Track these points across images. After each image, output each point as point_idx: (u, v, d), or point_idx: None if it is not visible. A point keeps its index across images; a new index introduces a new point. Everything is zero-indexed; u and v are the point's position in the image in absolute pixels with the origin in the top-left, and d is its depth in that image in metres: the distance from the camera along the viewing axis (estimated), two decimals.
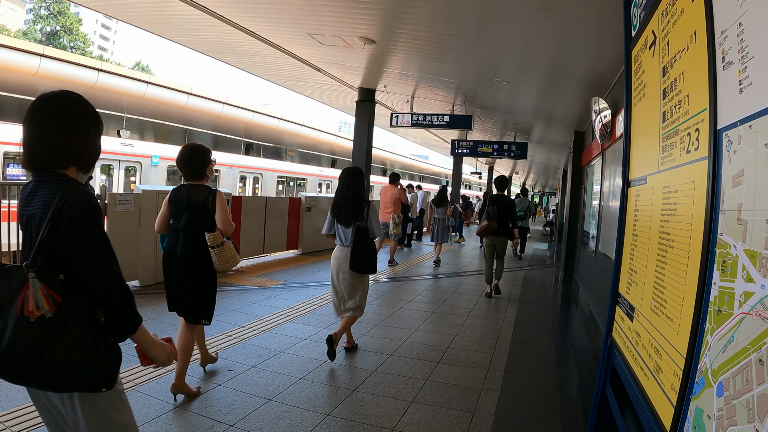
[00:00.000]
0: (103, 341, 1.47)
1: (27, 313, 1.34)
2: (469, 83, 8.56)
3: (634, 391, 1.86)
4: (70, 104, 1.53)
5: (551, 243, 17.27)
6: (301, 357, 4.08)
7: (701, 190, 1.37)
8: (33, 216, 1.44)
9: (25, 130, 1.48)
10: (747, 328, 1.04)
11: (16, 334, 1.35)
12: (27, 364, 1.36)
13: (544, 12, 4.63)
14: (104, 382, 1.45)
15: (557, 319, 6.41)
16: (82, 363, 1.40)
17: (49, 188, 1.43)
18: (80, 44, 49.15)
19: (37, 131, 1.46)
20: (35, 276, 1.35)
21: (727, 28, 1.23)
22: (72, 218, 1.39)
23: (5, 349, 1.35)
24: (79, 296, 1.42)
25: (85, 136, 1.53)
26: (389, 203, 9.79)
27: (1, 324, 1.36)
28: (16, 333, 1.35)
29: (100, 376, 1.44)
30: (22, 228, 1.49)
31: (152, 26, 7.38)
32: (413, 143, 22.82)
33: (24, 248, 1.47)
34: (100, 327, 1.46)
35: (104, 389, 1.46)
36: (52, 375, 1.37)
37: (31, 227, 1.44)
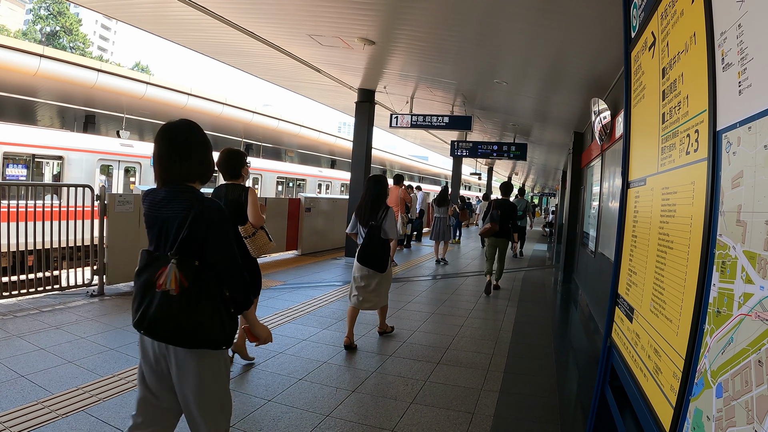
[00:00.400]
0: (226, 311, 1.89)
1: (158, 288, 1.78)
2: (469, 84, 8.57)
3: (634, 392, 1.86)
4: (198, 133, 1.98)
5: (551, 244, 17.28)
6: (301, 358, 4.07)
7: (701, 191, 1.37)
8: (170, 218, 1.84)
9: (164, 150, 1.89)
10: (746, 330, 1.05)
11: (162, 304, 1.78)
12: (169, 327, 1.79)
13: (544, 13, 4.64)
14: (224, 341, 1.88)
15: (557, 320, 6.41)
16: (209, 326, 1.83)
17: (184, 198, 1.85)
18: (80, 45, 49.14)
19: (180, 155, 1.89)
20: (175, 262, 1.77)
21: (726, 30, 1.23)
22: (210, 222, 1.83)
23: (153, 314, 1.79)
24: (210, 277, 1.84)
25: (210, 160, 2.00)
26: (394, 204, 9.89)
27: (150, 296, 1.82)
28: (162, 303, 1.78)
29: (222, 337, 1.86)
30: (153, 225, 1.90)
31: (152, 27, 7.38)
32: (413, 144, 22.82)
33: (158, 240, 1.88)
34: (224, 300, 1.88)
35: (224, 347, 1.89)
36: (187, 335, 1.80)
37: (169, 226, 1.84)
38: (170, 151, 1.88)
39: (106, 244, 5.74)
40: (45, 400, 2.94)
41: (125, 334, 4.30)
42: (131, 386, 3.24)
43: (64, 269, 6.12)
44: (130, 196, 6.06)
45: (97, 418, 2.77)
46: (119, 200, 5.88)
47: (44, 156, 10.06)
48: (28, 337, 4.03)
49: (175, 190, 1.88)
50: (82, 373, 3.40)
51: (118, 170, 11.68)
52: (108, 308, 5.15)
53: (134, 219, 6.03)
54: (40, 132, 10.40)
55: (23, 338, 4.01)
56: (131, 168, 12.07)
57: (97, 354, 3.79)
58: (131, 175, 12.16)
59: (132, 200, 6.00)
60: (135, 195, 6.11)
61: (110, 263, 5.80)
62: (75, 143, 10.62)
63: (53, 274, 5.66)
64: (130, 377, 3.38)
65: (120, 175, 11.72)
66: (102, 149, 11.20)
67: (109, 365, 3.58)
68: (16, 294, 5.19)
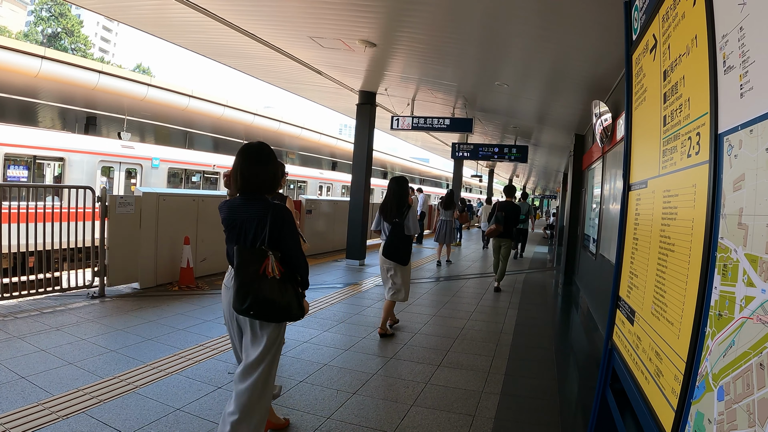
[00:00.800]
0: (300, 293, 2.42)
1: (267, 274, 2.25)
2: (470, 86, 8.57)
3: (635, 395, 1.86)
4: (271, 152, 2.47)
5: (551, 246, 17.26)
6: (301, 360, 4.07)
7: (702, 194, 1.37)
8: (249, 219, 2.34)
9: (240, 166, 2.37)
10: (748, 333, 1.04)
11: (265, 289, 2.25)
12: (270, 307, 2.27)
13: (545, 15, 4.64)
14: (299, 315, 2.41)
15: (557, 322, 6.40)
16: (294, 304, 2.35)
17: (259, 205, 2.35)
18: (81, 46, 49.20)
19: (252, 172, 2.37)
20: (271, 253, 2.28)
21: (728, 33, 1.23)
22: (284, 221, 2.33)
23: (262, 297, 2.25)
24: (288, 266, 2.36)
25: (278, 174, 2.51)
26: None
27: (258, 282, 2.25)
28: (265, 288, 2.25)
29: (299, 313, 2.40)
30: (233, 226, 2.38)
31: (153, 28, 7.39)
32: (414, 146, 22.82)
33: (238, 238, 2.36)
34: (298, 284, 2.42)
35: (298, 319, 2.43)
36: (277, 312, 2.30)
37: (248, 226, 2.33)
38: (248, 166, 2.37)
39: (107, 245, 5.74)
40: (45, 402, 2.94)
41: (126, 336, 4.30)
42: (132, 388, 3.24)
43: (65, 271, 6.12)
44: (131, 197, 6.05)
45: (97, 420, 2.77)
46: (120, 202, 5.88)
47: (45, 157, 10.07)
48: (28, 339, 4.03)
49: (250, 198, 2.38)
50: (83, 374, 3.40)
51: (120, 172, 11.69)
52: (109, 310, 5.15)
53: (135, 221, 6.03)
54: (41, 133, 10.41)
55: (24, 339, 4.01)
56: (132, 170, 12.07)
57: (97, 355, 3.79)
58: (132, 177, 12.16)
59: (133, 202, 6.00)
60: (136, 197, 6.10)
61: (111, 265, 5.80)
62: (76, 145, 10.64)
63: (54, 276, 5.66)
64: (131, 379, 3.38)
65: (121, 176, 11.73)
66: (103, 151, 11.21)
67: (109, 367, 3.57)
68: (17, 295, 5.19)
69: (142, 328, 4.58)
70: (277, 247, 2.33)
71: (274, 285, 2.27)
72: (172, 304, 5.52)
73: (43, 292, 5.41)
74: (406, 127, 10.16)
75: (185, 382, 3.40)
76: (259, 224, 2.31)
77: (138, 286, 6.15)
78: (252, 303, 2.25)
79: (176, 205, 6.70)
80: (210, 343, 4.26)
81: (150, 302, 5.54)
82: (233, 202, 2.42)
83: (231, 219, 2.39)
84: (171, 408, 3.01)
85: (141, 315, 5.00)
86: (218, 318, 5.08)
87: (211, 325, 4.81)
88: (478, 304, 6.76)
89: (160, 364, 3.69)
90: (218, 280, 7.09)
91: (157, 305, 5.43)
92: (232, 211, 2.39)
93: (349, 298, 6.57)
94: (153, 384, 3.34)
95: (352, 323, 5.33)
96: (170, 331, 4.54)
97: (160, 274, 6.41)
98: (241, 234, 2.35)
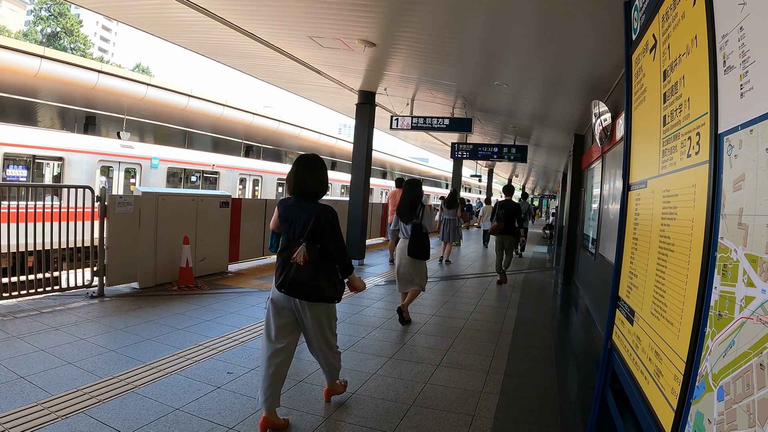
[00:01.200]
0: (337, 279, 2.95)
1: (292, 260, 2.79)
2: (470, 86, 8.57)
3: (635, 395, 1.86)
4: (321, 163, 3.01)
5: (551, 246, 17.27)
6: (301, 360, 4.07)
7: (702, 194, 1.37)
8: (299, 217, 2.86)
9: (298, 173, 2.91)
10: (748, 333, 1.04)
11: (296, 272, 2.79)
12: (301, 288, 2.79)
13: (545, 15, 4.64)
14: (336, 298, 2.95)
15: (557, 322, 6.40)
16: (326, 288, 2.85)
17: (309, 205, 2.88)
18: (81, 46, 49.13)
19: (305, 178, 2.91)
20: (304, 244, 2.80)
21: (728, 33, 1.23)
22: (326, 220, 2.83)
23: (291, 279, 2.79)
24: (326, 256, 2.86)
25: (326, 181, 3.01)
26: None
27: (288, 267, 2.81)
28: (296, 272, 2.79)
29: (334, 295, 2.92)
30: (286, 221, 2.90)
31: (152, 28, 7.38)
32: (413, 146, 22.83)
33: (290, 230, 2.88)
34: (335, 271, 2.94)
35: (335, 302, 2.98)
36: (313, 293, 2.81)
37: (298, 222, 2.85)
38: (303, 174, 2.91)
39: (106, 245, 5.73)
40: (45, 402, 2.93)
41: (125, 336, 4.30)
42: (131, 387, 3.24)
43: (64, 270, 6.11)
44: (131, 197, 6.05)
45: (97, 420, 2.76)
46: (119, 201, 5.87)
47: (45, 157, 10.06)
48: (27, 338, 4.03)
49: (302, 199, 2.92)
50: (82, 374, 3.40)
51: (119, 171, 11.67)
52: (108, 309, 5.15)
53: (134, 220, 6.02)
54: (40, 133, 10.39)
55: (23, 339, 4.00)
56: (132, 169, 12.07)
57: (97, 355, 3.78)
58: (131, 177, 12.16)
59: (132, 201, 5.99)
60: (135, 196, 6.10)
61: (110, 264, 5.80)
62: (75, 144, 10.62)
63: (53, 275, 5.65)
64: (130, 378, 3.38)
65: (120, 176, 11.72)
66: (102, 150, 11.19)
67: (109, 366, 3.57)
68: (16, 295, 5.19)
69: (142, 327, 4.58)
70: (318, 240, 2.83)
71: (303, 270, 2.78)
72: (172, 304, 5.52)
73: (42, 292, 5.41)
74: (405, 126, 10.16)
75: (184, 382, 3.40)
76: (306, 221, 2.84)
77: (137, 285, 6.15)
78: (283, 281, 2.82)
79: (175, 204, 6.70)
80: (209, 343, 4.26)
81: (149, 302, 5.54)
82: (288, 201, 2.97)
83: (285, 215, 2.93)
84: (170, 408, 3.01)
85: (140, 315, 5.00)
86: (217, 318, 5.07)
87: (211, 325, 4.80)
88: (478, 303, 6.76)
89: (159, 364, 3.69)
90: (217, 279, 7.09)
91: (157, 305, 5.43)
92: (286, 209, 2.94)
93: (348, 297, 6.56)
94: (152, 384, 3.34)
95: (351, 323, 5.33)
96: (169, 331, 4.53)
97: (159, 274, 6.40)
98: (291, 227, 2.90)
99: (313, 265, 2.79)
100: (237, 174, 15.58)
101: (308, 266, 2.78)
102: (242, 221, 8.20)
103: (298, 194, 2.92)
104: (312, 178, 2.92)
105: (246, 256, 8.56)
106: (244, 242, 8.30)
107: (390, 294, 6.99)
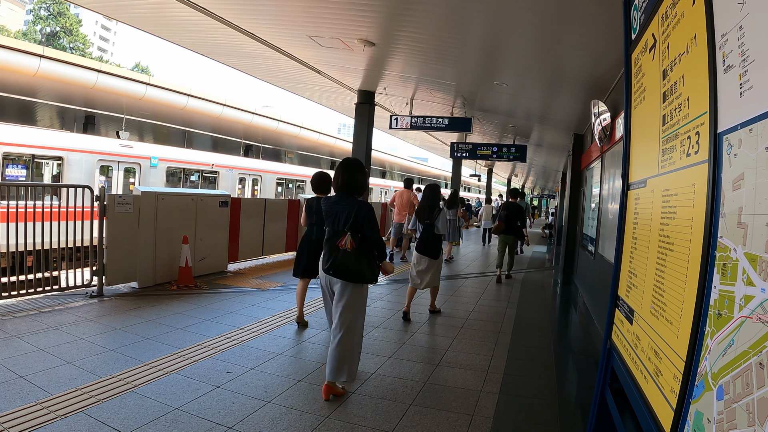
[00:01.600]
0: (374, 263, 3.44)
1: (341, 246, 3.30)
2: (469, 86, 8.57)
3: (634, 395, 1.86)
4: (362, 166, 3.58)
5: (550, 246, 17.27)
6: (300, 359, 4.07)
7: (701, 193, 1.37)
8: (341, 211, 3.38)
9: (342, 174, 3.48)
10: (747, 332, 1.04)
11: (342, 257, 3.30)
12: (344, 270, 3.31)
13: (544, 15, 4.64)
14: (372, 279, 3.43)
15: (556, 322, 6.40)
16: (365, 270, 3.35)
17: (350, 201, 3.42)
18: (80, 45, 49.10)
19: (350, 177, 3.47)
20: (349, 233, 3.31)
21: (727, 32, 1.23)
22: (366, 214, 3.35)
23: (338, 262, 3.31)
24: (365, 244, 3.36)
25: (367, 181, 3.59)
26: (405, 206, 10.26)
27: (335, 253, 3.33)
28: (342, 256, 3.30)
29: (371, 278, 3.41)
30: (330, 215, 3.45)
31: (152, 27, 7.37)
32: (412, 146, 22.83)
33: (333, 223, 3.42)
34: (373, 257, 3.42)
35: (373, 282, 3.46)
36: (353, 274, 3.32)
37: (340, 215, 3.38)
38: (346, 175, 3.48)
39: (105, 244, 5.73)
40: (44, 401, 2.93)
41: (124, 335, 4.30)
42: (130, 387, 3.23)
43: (64, 270, 6.10)
44: (130, 197, 6.04)
45: (96, 419, 2.76)
46: (119, 201, 5.87)
47: (44, 156, 10.06)
48: (27, 338, 4.03)
49: (344, 196, 3.48)
50: (81, 374, 3.40)
51: (118, 171, 11.67)
52: (107, 309, 5.15)
53: (133, 220, 6.01)
54: (39, 132, 10.39)
55: (22, 339, 4.00)
56: (131, 169, 12.06)
57: (96, 355, 3.78)
58: (131, 176, 12.15)
59: (131, 201, 5.98)
60: (134, 196, 6.09)
61: (110, 264, 5.79)
62: (75, 144, 10.62)
63: (52, 275, 5.64)
64: (129, 378, 3.37)
65: (120, 175, 11.71)
66: (102, 150, 11.19)
67: (108, 366, 3.57)
68: (15, 295, 5.18)
69: (141, 327, 4.57)
70: (359, 230, 3.35)
71: (348, 255, 3.31)
72: (171, 304, 5.51)
73: (42, 292, 5.40)
74: (404, 126, 10.16)
75: (184, 382, 3.40)
76: (348, 214, 3.35)
77: (137, 285, 6.14)
78: (331, 265, 3.35)
79: (175, 204, 6.69)
80: (208, 343, 4.26)
81: (148, 301, 5.54)
82: (330, 198, 3.56)
83: (329, 210, 3.49)
84: (169, 407, 3.01)
85: (139, 314, 5.00)
86: (216, 317, 5.07)
87: (210, 325, 4.80)
88: (477, 303, 6.76)
89: (158, 364, 3.69)
90: (217, 279, 7.09)
91: (156, 304, 5.43)
92: (330, 205, 3.50)
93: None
94: (151, 383, 3.33)
95: None
96: (169, 331, 4.53)
97: (158, 274, 6.40)
98: (335, 220, 3.42)
99: (355, 251, 3.30)
100: (236, 173, 15.58)
101: (353, 252, 3.30)
102: (241, 221, 8.20)
103: (343, 191, 3.47)
104: (354, 178, 3.47)
105: (245, 255, 8.55)
106: (243, 242, 8.29)
107: (390, 293, 6.99)
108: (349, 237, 3.28)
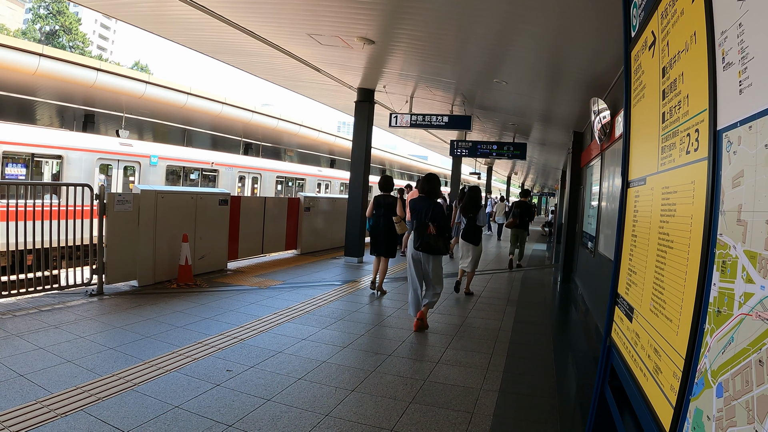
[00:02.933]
0: (447, 242, 5.17)
1: (428, 232, 5.03)
2: (468, 84, 8.56)
3: (633, 392, 1.86)
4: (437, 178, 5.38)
5: (550, 244, 17.27)
6: (300, 357, 4.07)
7: (701, 190, 1.37)
8: (424, 207, 5.12)
9: (425, 183, 5.29)
10: (747, 329, 1.04)
11: (427, 238, 5.03)
12: (429, 247, 5.04)
13: (544, 12, 4.63)
14: (446, 252, 5.23)
15: (556, 319, 6.41)
16: (443, 247, 5.10)
17: (428, 201, 5.19)
18: (79, 44, 49.00)
19: (429, 186, 5.26)
20: (430, 223, 5.04)
21: (727, 29, 1.23)
22: (438, 209, 5.12)
23: (425, 242, 5.02)
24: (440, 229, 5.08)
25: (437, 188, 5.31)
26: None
27: (423, 236, 5.03)
28: (427, 238, 5.03)
29: (446, 251, 5.22)
30: (416, 210, 5.17)
31: (151, 26, 7.36)
32: (412, 143, 22.81)
33: (419, 216, 5.10)
34: (446, 238, 5.14)
35: (446, 254, 5.50)
36: (436, 250, 5.07)
37: (422, 210, 5.10)
38: (427, 185, 5.24)
39: (105, 243, 5.73)
40: (44, 400, 2.94)
41: (124, 334, 4.30)
42: (130, 386, 3.24)
43: (63, 268, 6.10)
44: (129, 195, 6.04)
45: (96, 418, 2.77)
46: (118, 199, 5.86)
47: (43, 155, 10.05)
48: (27, 337, 4.03)
49: (425, 197, 5.20)
50: (81, 372, 3.40)
51: (118, 169, 11.66)
52: (107, 307, 5.15)
53: (133, 218, 6.01)
54: (39, 131, 10.38)
55: (22, 337, 4.00)
56: (131, 167, 12.05)
57: (96, 353, 3.79)
58: (130, 175, 12.14)
59: (131, 199, 5.98)
60: (134, 194, 6.09)
61: (109, 262, 5.79)
62: (74, 142, 10.61)
63: (52, 274, 5.65)
64: (129, 376, 3.38)
65: (119, 174, 11.71)
66: (101, 148, 11.18)
67: (108, 364, 3.57)
68: (15, 293, 5.18)
69: (141, 325, 4.58)
70: (435, 220, 5.00)
71: (431, 237, 4.98)
72: (171, 302, 5.52)
73: (42, 290, 5.40)
74: (404, 124, 10.15)
75: (184, 380, 3.40)
76: (428, 210, 5.06)
77: (136, 283, 6.15)
78: (422, 244, 4.98)
79: (175, 202, 6.69)
80: (208, 341, 4.26)
81: (148, 300, 5.54)
82: (416, 199, 5.26)
83: (415, 207, 5.18)
84: (169, 406, 3.02)
85: (139, 313, 5.00)
86: (216, 316, 5.08)
87: (210, 323, 4.81)
88: (477, 301, 6.77)
89: (158, 362, 3.69)
90: (216, 277, 7.09)
91: (156, 303, 5.43)
92: (416, 203, 5.20)
93: (347, 295, 6.57)
94: (151, 382, 3.34)
95: (350, 320, 5.33)
96: (168, 329, 4.54)
97: (158, 272, 6.40)
98: (419, 213, 5.08)
99: (434, 235, 4.97)
100: (236, 172, 15.57)
101: (434, 235, 4.97)
102: (241, 219, 8.20)
103: (425, 194, 5.21)
104: (431, 186, 5.22)
105: (245, 253, 8.56)
106: (243, 240, 8.29)
107: (389, 292, 6.99)
108: (432, 225, 4.96)
